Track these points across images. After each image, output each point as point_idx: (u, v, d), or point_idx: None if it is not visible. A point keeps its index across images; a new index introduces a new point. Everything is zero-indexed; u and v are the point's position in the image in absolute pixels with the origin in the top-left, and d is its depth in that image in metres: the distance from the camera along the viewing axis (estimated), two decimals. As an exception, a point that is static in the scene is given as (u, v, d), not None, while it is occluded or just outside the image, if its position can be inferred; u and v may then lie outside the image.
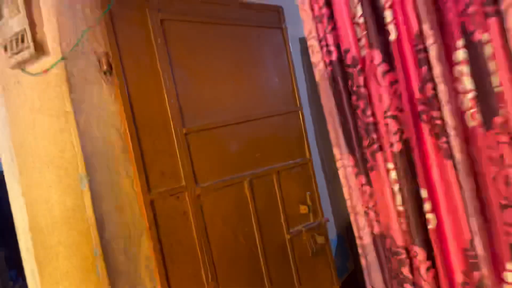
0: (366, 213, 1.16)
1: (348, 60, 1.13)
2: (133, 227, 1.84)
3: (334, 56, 1.14)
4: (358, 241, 1.21)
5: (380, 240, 1.14)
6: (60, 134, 1.74)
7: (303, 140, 2.52)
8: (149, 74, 1.93)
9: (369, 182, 1.14)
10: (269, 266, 2.21)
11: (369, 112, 1.10)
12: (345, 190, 1.21)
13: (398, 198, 1.07)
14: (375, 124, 1.10)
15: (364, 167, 1.14)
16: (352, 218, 1.22)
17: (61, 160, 1.78)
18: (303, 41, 3.31)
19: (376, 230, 1.15)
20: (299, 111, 2.52)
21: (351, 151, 1.15)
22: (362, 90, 1.10)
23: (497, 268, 1.01)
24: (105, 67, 1.81)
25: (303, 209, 2.43)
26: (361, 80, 1.10)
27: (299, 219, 2.42)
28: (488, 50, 0.95)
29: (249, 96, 2.29)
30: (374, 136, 1.10)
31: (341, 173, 1.19)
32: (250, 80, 2.31)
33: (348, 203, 1.21)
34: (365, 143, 1.14)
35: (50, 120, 1.76)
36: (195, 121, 2.05)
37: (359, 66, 1.11)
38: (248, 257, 2.16)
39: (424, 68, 1.00)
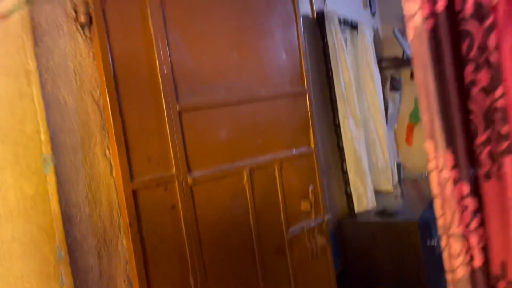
0: (465, 237, 0.80)
1: (468, 10, 0.75)
2: (109, 223, 1.44)
3: (440, 4, 0.77)
4: (449, 276, 0.85)
5: (484, 278, 0.79)
6: (20, 100, 1.31)
7: (309, 128, 2.16)
8: (138, 34, 1.52)
9: (475, 193, 0.78)
10: (265, 270, 1.86)
11: (498, 92, 0.74)
12: (436, 203, 0.84)
13: (529, 223, 0.73)
14: (506, 110, 0.74)
15: (470, 171, 0.77)
16: (443, 242, 0.85)
17: (20, 135, 1.35)
18: (305, 19, 2.93)
19: (478, 262, 0.80)
20: (306, 94, 2.15)
21: (452, 147, 0.78)
22: (492, 57, 0.73)
23: None
24: (82, 19, 1.38)
25: (305, 205, 2.08)
26: (492, 41, 0.73)
27: (300, 216, 2.07)
28: None
29: (254, 72, 1.90)
30: (502, 128, 0.74)
31: (433, 177, 0.83)
32: (255, 53, 1.91)
33: (440, 221, 0.84)
34: (481, 138, 0.77)
35: (7, 81, 1.32)
36: (191, 97, 1.65)
37: (488, 20, 0.74)
38: (242, 260, 1.80)
39: None
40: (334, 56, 2.97)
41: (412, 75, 4.30)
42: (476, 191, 0.79)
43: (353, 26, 3.39)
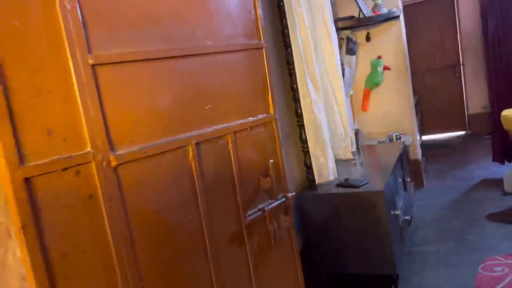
0: None
1: None
2: (-12, 228, 0.95)
3: None
4: None
5: None
6: None
7: (267, 90, 1.73)
8: (23, -49, 0.99)
9: None
10: (220, 265, 1.45)
11: None
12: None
13: None
14: None
15: None
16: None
17: None
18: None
19: None
20: (263, 49, 1.71)
21: None
22: None
23: None
24: None
25: (266, 182, 1.67)
26: None
27: (260, 196, 1.66)
28: None
29: (198, 18, 1.42)
30: None
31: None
32: (199, -7, 1.43)
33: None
34: None
35: None
36: (110, 46, 1.16)
37: None
38: (191, 257, 1.37)
39: None
40: (290, 12, 2.53)
41: (368, 37, 3.95)
42: None
43: (309, -20, 2.94)
